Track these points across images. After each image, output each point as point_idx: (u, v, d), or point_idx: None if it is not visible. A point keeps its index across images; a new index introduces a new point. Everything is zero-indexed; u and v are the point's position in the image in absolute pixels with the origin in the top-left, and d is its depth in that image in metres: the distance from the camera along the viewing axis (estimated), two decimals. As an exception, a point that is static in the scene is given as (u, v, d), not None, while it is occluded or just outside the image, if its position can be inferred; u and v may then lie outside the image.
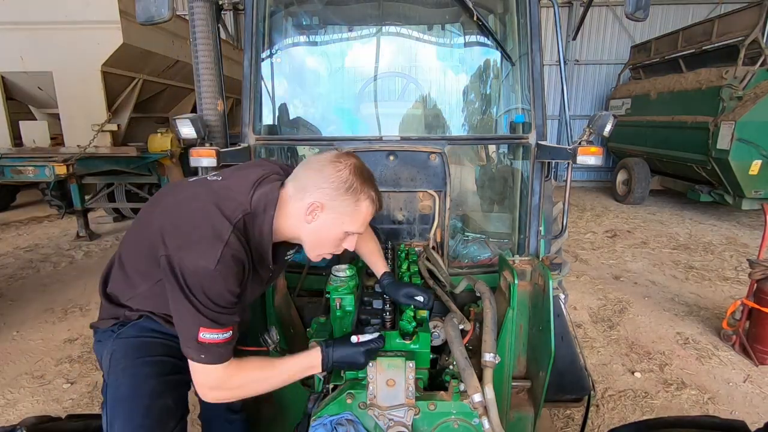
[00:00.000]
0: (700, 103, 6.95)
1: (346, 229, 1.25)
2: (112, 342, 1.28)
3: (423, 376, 1.40)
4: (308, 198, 1.20)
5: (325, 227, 1.23)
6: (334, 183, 1.19)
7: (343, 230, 1.25)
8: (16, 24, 5.09)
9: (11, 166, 5.18)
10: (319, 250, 1.29)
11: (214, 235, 1.10)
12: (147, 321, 1.28)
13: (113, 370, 1.25)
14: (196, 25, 1.99)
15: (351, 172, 1.20)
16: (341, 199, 1.20)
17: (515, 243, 2.25)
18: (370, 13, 2.78)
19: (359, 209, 1.23)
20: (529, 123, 2.13)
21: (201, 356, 1.11)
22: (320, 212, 1.21)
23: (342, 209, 1.21)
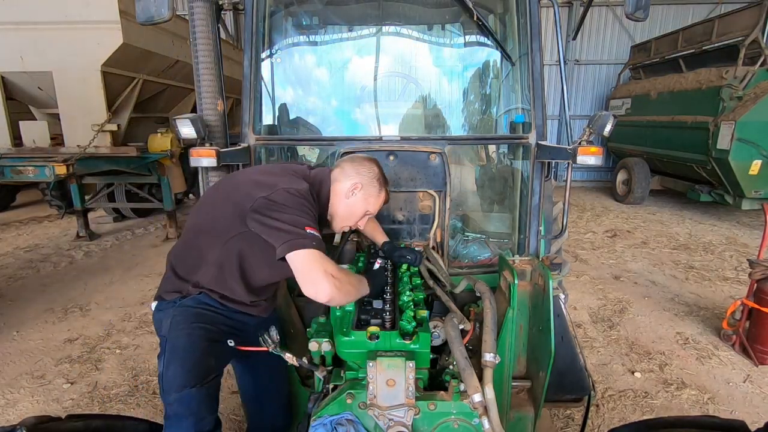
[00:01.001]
0: (700, 103, 6.95)
1: (368, 209, 1.69)
2: (173, 309, 1.50)
3: (423, 376, 1.40)
4: (351, 180, 1.64)
5: (356, 204, 1.66)
6: (369, 173, 1.66)
7: (366, 209, 1.68)
8: (16, 24, 5.09)
9: (11, 166, 5.18)
10: (345, 222, 1.70)
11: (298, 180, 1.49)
12: (204, 297, 1.51)
13: (173, 328, 1.47)
14: (196, 25, 1.99)
15: (379, 170, 1.70)
16: (372, 184, 1.66)
17: (515, 243, 2.25)
18: (370, 13, 2.78)
19: (380, 196, 1.70)
20: (529, 123, 2.13)
21: (313, 243, 1.31)
22: (359, 191, 1.64)
23: (371, 192, 1.67)
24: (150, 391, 2.85)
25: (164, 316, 1.51)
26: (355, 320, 1.46)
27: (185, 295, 1.50)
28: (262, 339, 1.41)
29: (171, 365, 1.43)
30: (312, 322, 1.63)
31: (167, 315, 1.50)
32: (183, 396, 1.40)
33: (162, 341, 1.50)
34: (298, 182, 1.46)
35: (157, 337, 1.57)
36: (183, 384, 1.40)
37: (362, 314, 1.49)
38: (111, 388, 2.90)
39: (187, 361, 1.42)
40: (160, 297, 1.56)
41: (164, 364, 1.44)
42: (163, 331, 1.50)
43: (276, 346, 1.42)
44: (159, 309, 1.55)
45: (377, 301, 1.57)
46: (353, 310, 1.53)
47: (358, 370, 1.40)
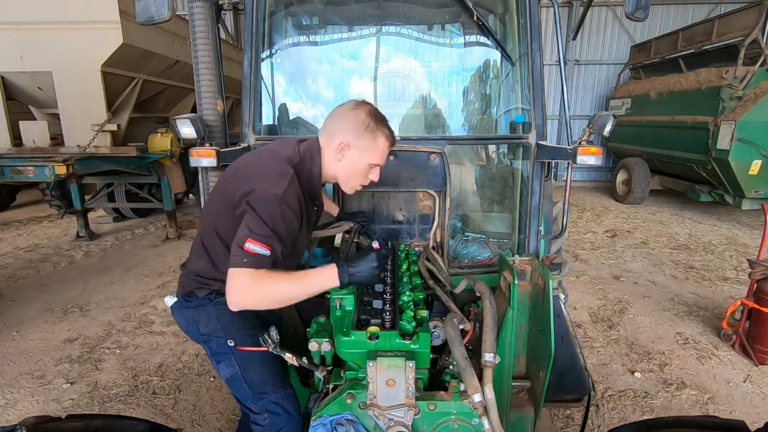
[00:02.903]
0: (700, 103, 6.95)
1: (370, 161, 1.53)
2: (212, 307, 1.51)
3: (423, 376, 1.40)
4: (337, 140, 1.50)
5: (353, 162, 1.52)
6: (354, 125, 1.48)
7: (368, 162, 1.53)
8: (16, 24, 5.09)
9: (11, 166, 5.18)
10: (352, 182, 1.58)
11: (281, 173, 1.38)
12: None
13: (228, 328, 1.51)
14: (196, 25, 1.99)
15: (367, 115, 1.49)
16: (362, 137, 1.49)
17: (515, 243, 2.25)
18: (370, 13, 2.78)
19: (377, 144, 1.52)
20: (529, 123, 2.13)
21: (243, 260, 1.28)
22: (347, 150, 1.50)
23: (364, 145, 1.50)
24: (150, 391, 2.85)
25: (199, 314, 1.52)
26: (355, 320, 1.46)
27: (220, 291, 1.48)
28: (262, 339, 1.41)
29: (252, 366, 1.52)
30: (312, 322, 1.63)
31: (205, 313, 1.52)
32: (283, 395, 1.54)
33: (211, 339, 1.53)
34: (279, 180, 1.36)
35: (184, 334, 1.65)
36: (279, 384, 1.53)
37: (362, 314, 1.49)
38: (111, 388, 2.90)
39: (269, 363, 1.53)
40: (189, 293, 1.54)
41: (241, 366, 1.51)
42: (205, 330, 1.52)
43: (276, 346, 1.42)
44: (187, 305, 1.54)
45: (377, 301, 1.57)
46: (353, 311, 1.53)
47: (358, 370, 1.40)
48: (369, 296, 1.61)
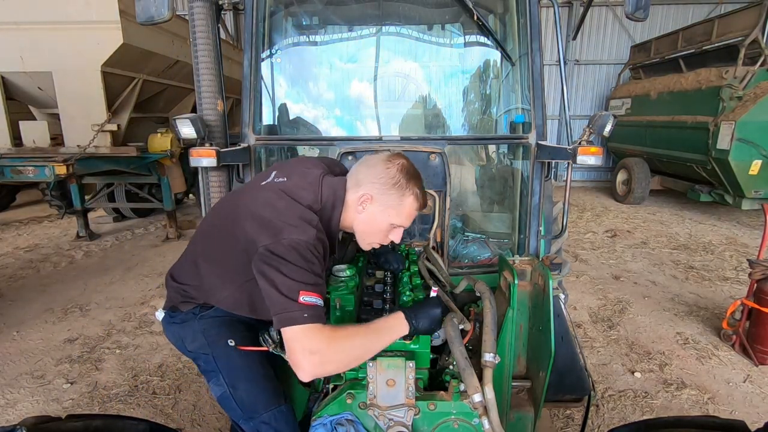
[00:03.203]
0: (700, 103, 6.95)
1: (392, 222, 1.42)
2: (198, 322, 1.44)
3: (423, 376, 1.40)
4: (361, 190, 1.38)
5: (373, 218, 1.40)
6: (383, 179, 1.37)
7: (389, 222, 1.42)
8: (16, 24, 5.09)
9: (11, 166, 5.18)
10: (369, 238, 1.47)
11: (305, 219, 1.25)
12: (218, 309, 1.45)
13: (214, 344, 1.42)
14: (196, 25, 1.99)
15: (398, 171, 1.38)
16: (388, 193, 1.37)
17: (515, 243, 2.25)
18: (370, 13, 2.78)
19: (403, 204, 1.39)
20: (529, 123, 2.13)
21: (304, 315, 1.13)
22: (369, 203, 1.38)
23: (388, 203, 1.38)
24: (150, 391, 2.85)
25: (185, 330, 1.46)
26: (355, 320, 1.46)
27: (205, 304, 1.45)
28: (262, 339, 1.41)
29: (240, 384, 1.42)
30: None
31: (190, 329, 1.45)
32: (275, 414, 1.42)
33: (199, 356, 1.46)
34: (305, 228, 1.23)
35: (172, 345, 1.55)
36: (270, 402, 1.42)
37: (362, 314, 1.49)
38: (111, 388, 2.90)
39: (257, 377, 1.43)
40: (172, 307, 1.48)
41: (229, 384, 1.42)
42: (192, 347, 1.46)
43: (276, 346, 1.42)
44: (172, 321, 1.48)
45: (377, 301, 1.57)
46: (353, 311, 1.53)
47: (358, 370, 1.40)
48: (369, 296, 1.61)
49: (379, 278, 1.78)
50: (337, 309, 1.51)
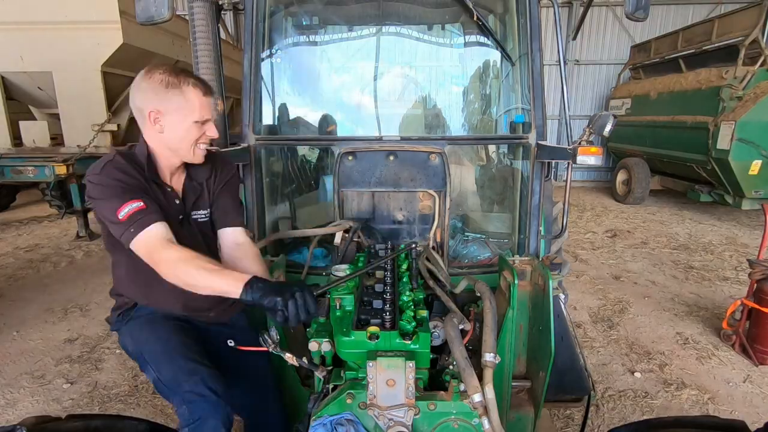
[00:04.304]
0: (700, 103, 6.95)
1: (193, 119, 1.39)
2: (125, 326, 1.54)
3: (423, 376, 1.40)
4: (145, 113, 1.37)
5: (174, 127, 1.38)
6: (153, 90, 1.34)
7: (191, 122, 1.39)
8: (16, 24, 5.10)
9: (11, 166, 5.19)
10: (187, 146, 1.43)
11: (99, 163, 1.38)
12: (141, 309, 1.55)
13: (140, 341, 1.50)
14: (196, 25, 1.99)
15: (162, 73, 1.35)
16: (169, 98, 1.35)
17: (515, 243, 2.25)
18: (370, 13, 2.78)
19: (188, 98, 1.36)
20: (529, 123, 2.13)
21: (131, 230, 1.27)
22: (161, 117, 1.37)
23: (176, 105, 1.36)
24: (150, 391, 2.85)
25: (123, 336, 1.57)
26: (355, 320, 1.46)
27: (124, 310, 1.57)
28: (262, 339, 1.41)
29: (163, 367, 1.44)
30: (312, 322, 1.63)
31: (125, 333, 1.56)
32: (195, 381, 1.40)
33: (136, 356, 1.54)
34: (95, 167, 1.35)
35: None
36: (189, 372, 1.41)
37: (362, 314, 1.49)
38: (111, 388, 2.90)
39: (175, 357, 1.44)
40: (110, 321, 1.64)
41: (155, 370, 1.45)
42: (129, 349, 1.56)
43: (276, 346, 1.42)
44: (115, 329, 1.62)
45: (377, 301, 1.57)
46: (353, 311, 1.53)
47: (358, 370, 1.40)
48: (369, 296, 1.61)
49: (379, 278, 1.77)
50: (338, 309, 1.51)
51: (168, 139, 1.41)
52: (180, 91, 1.35)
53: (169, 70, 1.36)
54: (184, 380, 1.40)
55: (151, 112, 1.36)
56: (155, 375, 1.45)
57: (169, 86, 1.34)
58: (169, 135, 1.40)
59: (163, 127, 1.38)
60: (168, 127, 1.38)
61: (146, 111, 1.37)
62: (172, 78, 1.34)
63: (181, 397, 1.40)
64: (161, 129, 1.38)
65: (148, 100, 1.36)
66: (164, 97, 1.34)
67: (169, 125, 1.38)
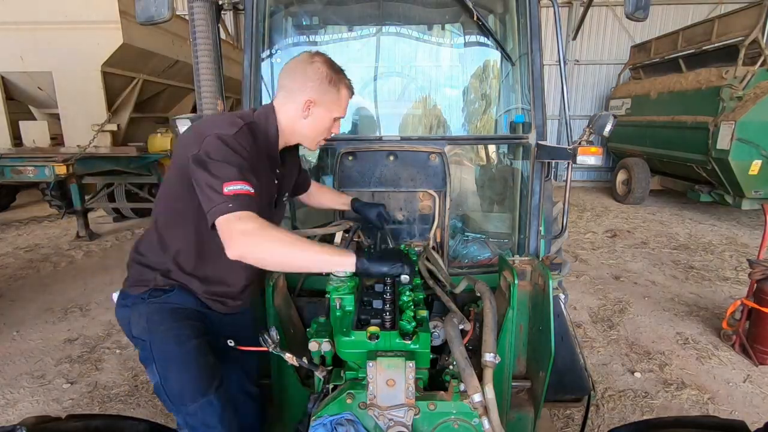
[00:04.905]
0: (700, 103, 6.95)
1: (335, 116, 1.51)
2: (145, 306, 1.41)
3: (423, 376, 1.40)
4: (300, 98, 1.43)
5: (319, 117, 1.48)
6: (317, 80, 1.42)
7: (333, 117, 1.51)
8: (16, 24, 5.10)
9: (11, 166, 5.19)
10: (317, 138, 1.55)
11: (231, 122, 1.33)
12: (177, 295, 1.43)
13: (154, 330, 1.39)
14: (196, 25, 1.99)
15: (327, 67, 1.44)
16: (327, 91, 1.45)
17: (515, 243, 2.25)
18: (370, 13, 2.78)
19: (341, 96, 1.49)
20: (529, 123, 2.13)
21: (229, 205, 1.18)
22: (314, 107, 1.45)
23: (330, 100, 1.46)
24: (150, 391, 2.85)
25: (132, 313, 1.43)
26: (355, 320, 1.46)
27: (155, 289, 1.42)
28: (262, 339, 1.41)
29: (171, 374, 1.37)
30: (312, 322, 1.62)
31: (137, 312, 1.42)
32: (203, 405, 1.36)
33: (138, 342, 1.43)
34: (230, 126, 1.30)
35: None
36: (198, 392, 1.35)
37: (362, 314, 1.49)
38: (111, 388, 2.90)
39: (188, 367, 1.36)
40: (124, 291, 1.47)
41: (160, 373, 1.38)
42: (135, 331, 1.42)
43: (276, 346, 1.42)
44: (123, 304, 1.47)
45: (377, 301, 1.57)
46: (353, 311, 1.53)
47: (358, 370, 1.40)
48: (369, 296, 1.61)
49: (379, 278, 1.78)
50: (338, 309, 1.51)
51: (306, 126, 1.49)
52: (338, 89, 1.47)
53: (331, 65, 1.46)
54: (190, 400, 1.36)
55: (308, 100, 1.43)
56: (158, 379, 1.38)
57: (331, 82, 1.44)
58: (312, 124, 1.48)
59: (309, 115, 1.46)
60: (314, 117, 1.47)
61: (304, 98, 1.43)
62: (335, 75, 1.45)
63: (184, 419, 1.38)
64: (307, 116, 1.46)
65: (309, 88, 1.43)
66: (325, 90, 1.44)
67: (316, 115, 1.47)
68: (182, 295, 1.45)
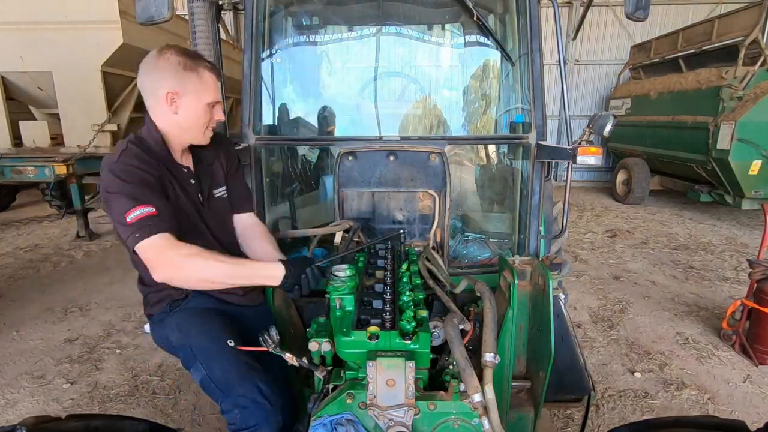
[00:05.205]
0: (700, 103, 6.95)
1: (206, 101, 1.44)
2: (171, 318, 1.49)
3: (423, 376, 1.40)
4: (160, 93, 1.38)
5: (189, 107, 1.42)
6: (171, 71, 1.37)
7: (205, 103, 1.44)
8: (16, 24, 5.10)
9: (11, 166, 5.19)
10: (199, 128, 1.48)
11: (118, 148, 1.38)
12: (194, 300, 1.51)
13: (187, 335, 1.46)
14: (196, 25, 1.99)
15: (177, 55, 1.38)
16: (186, 79, 1.38)
17: (515, 243, 2.25)
18: (370, 13, 2.78)
19: (204, 80, 1.42)
20: (529, 123, 2.13)
21: (136, 235, 1.25)
22: (178, 98, 1.40)
23: (193, 87, 1.40)
24: (150, 391, 2.85)
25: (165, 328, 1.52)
26: (355, 320, 1.46)
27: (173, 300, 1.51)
28: (262, 339, 1.41)
29: (215, 366, 1.44)
30: (312, 322, 1.62)
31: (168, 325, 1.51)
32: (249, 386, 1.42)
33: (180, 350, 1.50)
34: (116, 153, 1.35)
35: None
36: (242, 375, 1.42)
37: (362, 314, 1.49)
38: (111, 388, 2.90)
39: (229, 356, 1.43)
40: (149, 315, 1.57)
41: (205, 367, 1.44)
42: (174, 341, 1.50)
43: (276, 346, 1.42)
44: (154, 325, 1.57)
45: (377, 301, 1.57)
46: (353, 311, 1.53)
47: (358, 370, 1.40)
48: (369, 296, 1.61)
49: (379, 278, 1.78)
50: (338, 309, 1.51)
51: (182, 120, 1.44)
52: (197, 73, 1.40)
53: (182, 52, 1.40)
54: (238, 383, 1.42)
55: (168, 93, 1.38)
56: (204, 373, 1.44)
57: (186, 68, 1.38)
58: (184, 116, 1.43)
59: (178, 107, 1.41)
60: (183, 108, 1.42)
61: (163, 92, 1.38)
62: (189, 60, 1.39)
63: (233, 401, 1.42)
64: (176, 110, 1.41)
65: (164, 80, 1.38)
66: (182, 78, 1.38)
67: (184, 106, 1.41)
68: (198, 298, 1.52)
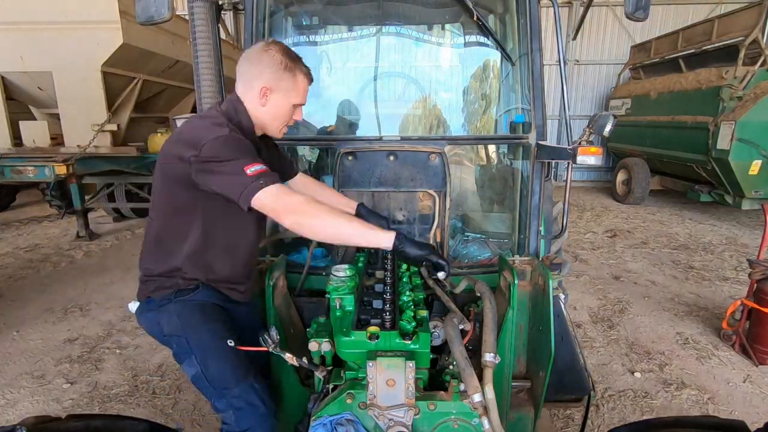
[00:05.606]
0: (700, 103, 6.95)
1: (293, 102, 1.53)
2: (174, 305, 1.48)
3: (423, 376, 1.40)
4: (257, 86, 1.46)
5: (277, 104, 1.51)
6: (271, 67, 1.45)
7: (291, 104, 1.53)
8: (16, 24, 5.10)
9: (11, 166, 5.19)
10: (278, 124, 1.57)
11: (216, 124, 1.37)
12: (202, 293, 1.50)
13: (186, 326, 1.46)
14: (196, 25, 1.99)
15: (282, 54, 1.46)
16: (282, 78, 1.47)
17: (515, 243, 2.25)
18: (370, 13, 2.78)
19: (298, 83, 1.50)
20: (529, 123, 2.13)
21: (260, 182, 1.27)
22: (270, 94, 1.48)
23: (286, 87, 1.48)
24: (150, 391, 2.85)
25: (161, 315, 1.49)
26: (355, 320, 1.46)
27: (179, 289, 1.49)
28: (262, 339, 1.41)
29: (211, 363, 1.44)
30: (312, 322, 1.63)
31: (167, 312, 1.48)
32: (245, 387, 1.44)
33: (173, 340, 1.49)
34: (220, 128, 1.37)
35: None
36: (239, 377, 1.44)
37: (362, 314, 1.49)
38: (111, 388, 2.90)
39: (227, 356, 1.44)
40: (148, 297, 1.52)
41: (200, 363, 1.44)
42: (167, 330, 1.48)
43: (276, 346, 1.42)
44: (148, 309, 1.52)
45: (377, 301, 1.57)
46: (353, 311, 1.53)
47: (358, 370, 1.40)
48: (369, 296, 1.61)
49: (379, 278, 1.78)
50: (338, 309, 1.51)
51: (266, 113, 1.51)
52: (293, 74, 1.48)
53: (285, 51, 1.47)
54: (234, 384, 1.43)
55: (264, 87, 1.46)
56: (199, 368, 1.44)
57: (286, 68, 1.46)
58: (270, 110, 1.51)
59: (267, 102, 1.49)
60: (271, 103, 1.49)
61: (258, 84, 1.46)
62: (290, 62, 1.47)
63: (228, 402, 1.44)
64: (265, 103, 1.49)
65: (263, 75, 1.45)
66: (279, 76, 1.46)
67: (273, 102, 1.49)
68: (206, 291, 1.52)
